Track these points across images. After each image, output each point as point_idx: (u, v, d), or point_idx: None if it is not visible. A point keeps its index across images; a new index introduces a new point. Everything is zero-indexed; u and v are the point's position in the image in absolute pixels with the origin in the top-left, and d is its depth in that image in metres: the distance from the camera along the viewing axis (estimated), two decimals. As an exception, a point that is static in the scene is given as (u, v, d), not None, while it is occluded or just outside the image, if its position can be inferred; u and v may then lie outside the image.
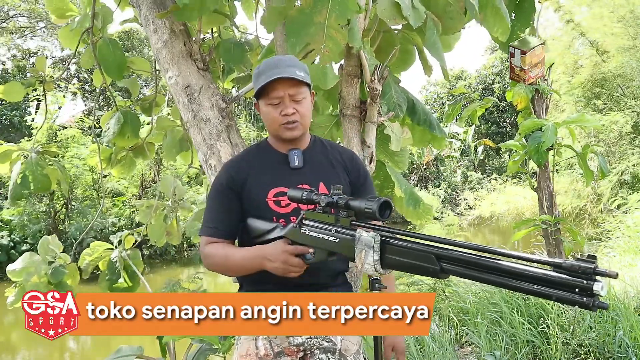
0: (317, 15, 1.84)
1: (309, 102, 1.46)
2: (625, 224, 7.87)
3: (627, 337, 3.12)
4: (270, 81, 1.38)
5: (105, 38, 2.74)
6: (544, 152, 3.90)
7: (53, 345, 6.82)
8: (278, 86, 1.39)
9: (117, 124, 2.80)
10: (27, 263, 2.75)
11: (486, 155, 21.70)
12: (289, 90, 1.40)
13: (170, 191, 3.12)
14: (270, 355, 1.43)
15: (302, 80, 1.41)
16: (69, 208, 11.84)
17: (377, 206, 1.13)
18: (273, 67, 1.41)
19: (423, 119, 2.40)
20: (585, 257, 0.81)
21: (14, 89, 2.90)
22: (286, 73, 1.38)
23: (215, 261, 1.45)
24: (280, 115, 1.42)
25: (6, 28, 17.14)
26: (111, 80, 2.93)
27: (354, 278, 2.10)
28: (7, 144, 2.98)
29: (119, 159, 3.21)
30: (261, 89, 1.41)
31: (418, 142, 2.62)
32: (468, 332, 3.78)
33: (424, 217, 2.58)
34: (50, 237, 2.91)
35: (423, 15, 1.95)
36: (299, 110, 1.43)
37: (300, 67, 1.43)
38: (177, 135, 3.09)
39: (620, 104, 11.59)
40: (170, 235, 3.13)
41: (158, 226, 3.09)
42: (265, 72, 1.40)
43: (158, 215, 3.09)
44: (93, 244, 2.99)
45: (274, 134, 1.48)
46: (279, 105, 1.42)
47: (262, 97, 1.44)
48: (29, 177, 2.75)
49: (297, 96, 1.42)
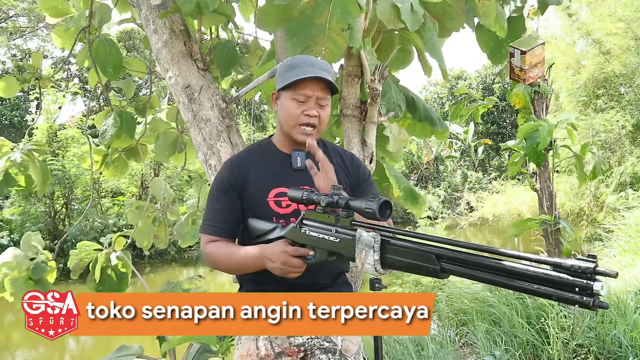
0: (318, 17, 1.85)
1: (329, 110, 1.46)
2: (625, 223, 7.87)
3: (627, 337, 3.12)
4: (303, 77, 1.38)
5: (102, 37, 2.72)
6: (541, 153, 3.90)
7: (53, 345, 6.82)
8: (310, 85, 1.39)
9: (114, 126, 2.77)
10: (9, 257, 2.73)
11: (486, 155, 21.71)
12: (318, 93, 1.40)
13: (161, 194, 3.09)
14: (271, 355, 1.43)
15: (333, 89, 1.42)
16: (69, 208, 11.84)
17: (377, 206, 1.12)
18: (310, 65, 1.40)
19: (424, 115, 2.41)
20: (585, 256, 0.81)
21: (9, 84, 2.89)
22: (322, 75, 1.38)
23: (216, 260, 1.45)
24: (302, 113, 1.40)
25: (6, 28, 17.14)
26: (107, 80, 2.92)
27: (354, 278, 2.10)
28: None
29: (112, 160, 3.19)
30: (291, 82, 1.39)
31: (420, 134, 2.64)
32: (467, 333, 3.79)
33: (421, 207, 2.64)
34: (33, 233, 2.90)
35: (421, 19, 1.96)
36: (321, 116, 1.42)
37: (333, 75, 1.43)
38: (171, 137, 3.05)
39: (622, 104, 11.58)
40: (158, 239, 3.10)
41: (146, 228, 3.06)
42: (301, 67, 1.39)
43: (147, 218, 3.07)
44: (80, 244, 2.95)
45: (287, 130, 1.45)
46: (304, 104, 1.40)
47: (287, 90, 1.42)
48: (10, 175, 2.75)
49: (323, 101, 1.42)
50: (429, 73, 2.44)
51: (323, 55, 1.84)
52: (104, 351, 6.05)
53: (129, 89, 3.11)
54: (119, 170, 3.27)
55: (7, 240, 10.76)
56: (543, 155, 3.96)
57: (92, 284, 2.87)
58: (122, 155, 3.21)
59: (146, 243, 3.05)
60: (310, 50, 1.85)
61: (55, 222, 11.58)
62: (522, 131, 3.93)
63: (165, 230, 3.11)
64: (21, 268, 2.73)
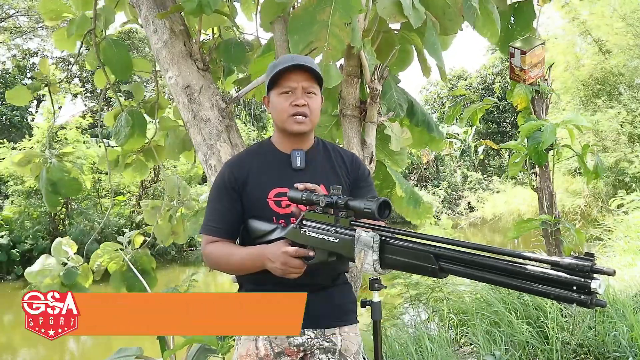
0: (320, 13, 1.85)
1: (319, 100, 1.47)
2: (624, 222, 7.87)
3: (626, 337, 3.12)
4: (285, 71, 1.39)
5: (109, 39, 2.73)
6: (543, 153, 3.90)
7: (53, 345, 6.82)
8: (292, 76, 1.40)
9: (127, 125, 2.77)
10: (42, 265, 2.77)
11: (486, 156, 21.71)
12: (302, 82, 1.41)
13: (175, 191, 3.12)
14: (270, 355, 1.43)
15: (317, 76, 1.43)
16: (69, 208, 11.84)
17: (376, 206, 1.13)
18: (289, 60, 1.42)
19: (422, 120, 2.40)
20: (583, 255, 0.82)
21: (20, 94, 2.92)
22: (301, 62, 1.39)
23: (216, 260, 1.45)
24: (290, 105, 1.41)
25: (7, 28, 17.13)
26: (114, 80, 2.92)
27: (354, 278, 2.10)
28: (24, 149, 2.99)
29: (129, 162, 3.20)
30: (274, 79, 1.41)
31: (416, 144, 2.63)
32: (467, 333, 3.78)
33: (424, 216, 2.58)
34: (63, 238, 2.93)
35: (423, 15, 1.96)
36: (310, 104, 1.43)
37: (316, 66, 1.45)
38: (180, 134, 3.07)
39: (621, 103, 11.58)
40: (177, 234, 3.13)
41: (164, 226, 3.08)
42: (282, 64, 1.41)
43: (164, 216, 3.09)
44: (103, 245, 3.00)
45: (281, 126, 1.46)
46: (291, 96, 1.41)
47: (274, 88, 1.43)
48: (58, 184, 2.77)
49: (310, 90, 1.43)
50: (428, 73, 2.44)
51: (325, 51, 1.85)
52: (104, 351, 6.05)
53: (139, 92, 3.12)
54: (138, 171, 3.28)
55: (7, 240, 10.77)
56: (545, 155, 3.96)
57: (116, 283, 2.90)
58: (139, 157, 3.22)
59: (166, 239, 3.09)
60: (312, 47, 1.85)
61: (56, 222, 11.58)
62: (524, 130, 3.93)
63: (182, 226, 3.14)
64: (53, 274, 2.77)
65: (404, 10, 1.88)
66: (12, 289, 9.65)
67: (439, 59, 2.22)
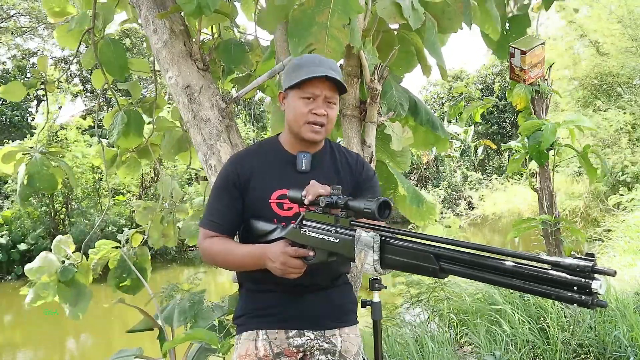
0: (319, 14, 1.85)
1: (337, 110, 1.46)
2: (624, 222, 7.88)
3: (627, 337, 3.12)
4: (312, 77, 1.37)
5: (107, 38, 2.73)
6: (544, 152, 3.90)
7: (53, 345, 6.82)
8: (317, 83, 1.39)
9: (122, 123, 2.77)
10: (42, 262, 2.78)
11: (486, 156, 21.70)
12: (326, 92, 1.40)
13: (168, 193, 3.11)
14: (269, 355, 1.43)
15: (341, 88, 1.42)
16: (69, 208, 11.84)
17: (376, 206, 1.13)
18: (318, 64, 1.40)
19: (426, 119, 2.38)
20: (583, 255, 0.81)
21: (15, 89, 2.90)
22: (331, 74, 1.38)
23: (213, 255, 1.45)
24: (310, 112, 1.40)
25: (7, 28, 17.12)
26: (112, 79, 2.92)
27: (354, 278, 2.10)
28: (11, 143, 2.99)
29: (123, 160, 3.20)
30: (299, 81, 1.39)
31: (421, 145, 2.60)
32: (468, 332, 3.78)
33: (427, 217, 2.55)
34: (63, 236, 2.93)
35: (422, 17, 1.96)
36: (329, 115, 1.42)
37: (340, 74, 1.43)
38: (176, 135, 3.07)
39: (619, 104, 11.59)
40: (167, 237, 3.12)
41: (155, 228, 3.08)
42: (308, 67, 1.39)
43: (156, 217, 3.08)
44: (98, 243, 2.99)
45: (295, 130, 1.44)
46: (311, 102, 1.40)
47: (294, 89, 1.41)
48: (35, 177, 2.75)
49: (331, 99, 1.42)
50: (428, 73, 2.44)
51: (324, 53, 1.84)
52: (104, 351, 6.05)
53: (136, 91, 3.11)
54: (132, 169, 3.27)
55: (6, 239, 10.77)
56: (545, 154, 3.95)
57: (113, 281, 2.90)
58: (133, 155, 3.21)
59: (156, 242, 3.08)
60: (311, 49, 1.85)
61: (56, 222, 11.58)
62: (524, 128, 3.92)
63: (173, 229, 3.13)
64: (50, 272, 2.77)
65: (403, 12, 1.88)
66: (12, 289, 9.64)
67: (439, 58, 2.21)
